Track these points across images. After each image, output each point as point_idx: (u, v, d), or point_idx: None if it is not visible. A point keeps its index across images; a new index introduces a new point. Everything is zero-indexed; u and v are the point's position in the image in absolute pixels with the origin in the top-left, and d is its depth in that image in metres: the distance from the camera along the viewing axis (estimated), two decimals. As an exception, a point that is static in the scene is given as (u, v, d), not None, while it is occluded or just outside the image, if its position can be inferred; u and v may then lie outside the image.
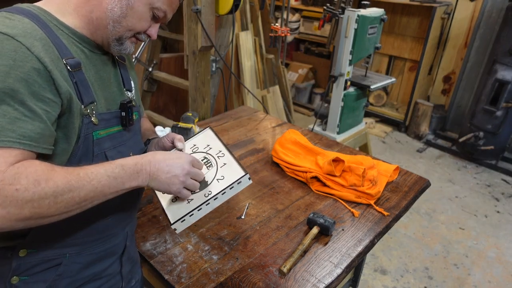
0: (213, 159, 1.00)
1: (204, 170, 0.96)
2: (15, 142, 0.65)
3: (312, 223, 1.19)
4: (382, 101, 4.56)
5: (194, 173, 0.87)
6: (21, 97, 0.65)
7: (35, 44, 0.68)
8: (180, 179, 0.84)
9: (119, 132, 0.88)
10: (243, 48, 3.04)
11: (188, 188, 0.88)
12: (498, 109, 3.37)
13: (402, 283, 2.30)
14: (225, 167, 0.97)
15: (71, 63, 0.75)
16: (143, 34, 0.86)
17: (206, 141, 1.06)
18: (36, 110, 0.67)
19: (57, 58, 0.72)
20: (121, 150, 0.89)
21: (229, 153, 1.00)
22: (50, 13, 0.77)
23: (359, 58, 2.70)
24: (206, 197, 0.91)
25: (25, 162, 0.65)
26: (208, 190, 0.93)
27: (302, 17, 4.94)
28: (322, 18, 3.14)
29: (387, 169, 1.51)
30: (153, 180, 0.82)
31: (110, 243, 0.92)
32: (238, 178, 0.92)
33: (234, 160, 0.98)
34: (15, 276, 0.79)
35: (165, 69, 2.85)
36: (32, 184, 0.63)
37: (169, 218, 0.90)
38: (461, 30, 4.01)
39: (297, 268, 1.06)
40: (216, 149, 1.03)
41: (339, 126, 2.86)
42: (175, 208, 0.92)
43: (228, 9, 2.16)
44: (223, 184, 0.93)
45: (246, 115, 2.10)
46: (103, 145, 0.83)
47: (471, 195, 3.22)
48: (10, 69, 0.64)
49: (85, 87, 0.78)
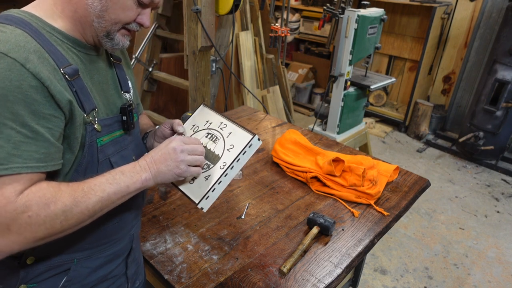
0: (217, 132, 1.00)
1: (211, 145, 0.98)
2: (22, 168, 0.65)
3: (312, 223, 1.19)
4: (382, 101, 4.56)
5: (189, 148, 0.87)
6: (22, 119, 0.64)
7: (30, 59, 0.66)
8: (179, 160, 0.85)
9: (121, 137, 0.88)
10: (243, 48, 3.04)
11: (194, 165, 0.88)
12: (498, 109, 3.37)
13: (402, 283, 2.30)
14: (231, 136, 0.97)
15: (69, 72, 0.73)
16: (134, 24, 0.82)
17: (205, 118, 1.05)
18: (39, 129, 0.66)
19: (54, 70, 0.70)
20: (124, 154, 0.89)
21: (231, 122, 1.00)
22: (41, 18, 0.74)
23: (359, 58, 2.70)
24: (222, 169, 0.92)
25: (33, 188, 0.67)
26: (222, 162, 0.93)
27: (302, 17, 4.94)
28: (322, 18, 3.15)
29: (387, 169, 1.51)
30: (157, 175, 0.83)
31: (117, 246, 0.92)
32: (248, 142, 0.93)
33: (238, 127, 0.98)
34: (23, 284, 0.79)
35: (165, 69, 2.85)
36: (42, 208, 0.66)
37: (193, 199, 0.91)
38: (461, 30, 4.01)
39: (297, 268, 1.06)
40: (216, 122, 1.02)
41: (339, 126, 2.86)
42: (195, 188, 0.93)
43: (228, 9, 2.16)
44: (234, 152, 0.94)
45: (246, 115, 2.10)
46: (107, 151, 0.83)
47: (471, 195, 3.22)
48: (7, 91, 0.63)
49: (85, 94, 0.76)
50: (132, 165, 0.82)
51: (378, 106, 4.56)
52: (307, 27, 4.93)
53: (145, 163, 0.83)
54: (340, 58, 2.64)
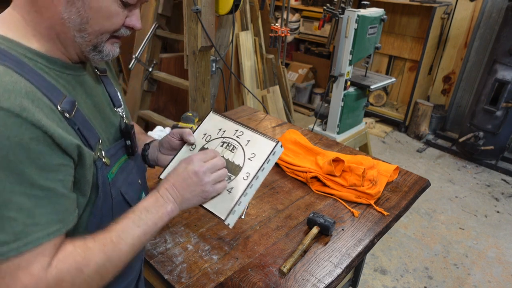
0: (233, 141, 0.92)
1: (228, 155, 0.91)
2: (44, 237, 0.58)
3: (312, 223, 1.19)
4: (382, 101, 4.56)
5: (211, 166, 0.81)
6: (30, 178, 0.56)
7: (24, 105, 0.55)
8: (203, 183, 0.79)
9: (125, 162, 0.82)
10: (243, 48, 3.04)
11: (220, 181, 0.83)
12: (498, 109, 3.37)
13: (402, 283, 2.30)
14: (250, 144, 0.91)
15: (67, 107, 0.63)
16: (123, 29, 0.71)
17: (216, 126, 0.97)
18: (51, 185, 0.59)
19: (51, 110, 0.60)
20: (131, 181, 0.83)
21: (247, 128, 0.93)
22: (16, 41, 0.63)
23: (359, 58, 2.70)
24: (246, 180, 0.86)
25: (59, 255, 0.61)
26: (245, 172, 0.87)
27: (302, 17, 4.94)
28: (322, 18, 3.15)
29: (387, 169, 1.51)
30: (183, 203, 0.79)
31: (132, 274, 0.91)
32: (272, 150, 0.88)
33: (257, 134, 0.92)
34: None
35: (165, 69, 2.85)
36: (76, 275, 0.61)
37: (218, 215, 0.84)
38: (461, 30, 4.01)
39: (297, 268, 1.06)
40: (231, 130, 0.94)
41: (339, 126, 2.86)
42: (218, 203, 0.86)
43: (228, 9, 2.16)
44: (257, 161, 0.88)
45: (246, 115, 2.10)
46: (117, 184, 0.77)
47: (471, 195, 3.22)
48: (7, 151, 0.54)
49: (88, 128, 0.69)
50: (153, 198, 0.76)
51: (378, 106, 4.56)
52: (307, 27, 4.93)
53: (167, 193, 0.77)
54: (340, 58, 2.64)
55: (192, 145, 0.94)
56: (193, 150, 0.94)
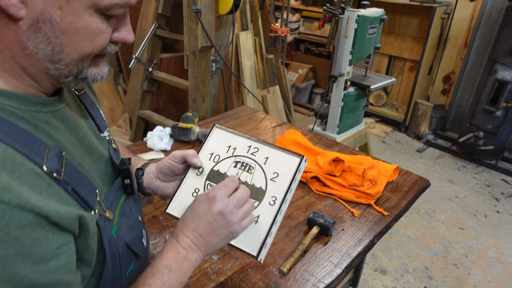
0: (248, 159, 0.80)
1: (246, 177, 0.78)
2: None
3: (312, 223, 1.19)
4: (382, 101, 4.56)
5: (237, 202, 0.69)
6: (27, 280, 0.44)
7: (3, 183, 0.42)
8: (231, 224, 0.68)
9: (124, 203, 0.70)
10: (243, 48, 3.04)
11: (246, 216, 0.71)
12: (498, 109, 3.37)
13: (402, 283, 2.30)
14: (269, 161, 0.79)
15: (54, 165, 0.50)
16: (109, 46, 0.56)
17: (224, 143, 0.84)
18: (52, 279, 0.47)
19: (36, 177, 0.47)
20: (133, 223, 0.71)
21: (262, 144, 0.82)
22: None
23: (359, 58, 2.70)
24: (273, 206, 0.74)
25: None
26: (271, 196, 0.75)
27: (302, 17, 4.94)
28: (322, 18, 3.15)
29: (387, 169, 1.51)
30: (208, 249, 0.68)
31: None
32: (297, 167, 0.76)
33: (275, 149, 0.80)
34: None
35: (165, 69, 2.85)
36: None
37: (249, 252, 0.73)
38: (461, 30, 4.01)
39: (297, 268, 1.06)
40: (243, 147, 0.82)
41: (339, 126, 2.86)
42: (246, 238, 0.74)
43: (228, 9, 2.16)
44: (282, 181, 0.76)
45: (246, 115, 2.10)
46: (121, 235, 0.65)
47: (471, 195, 3.22)
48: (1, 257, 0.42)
49: (82, 181, 0.56)
50: (173, 250, 0.65)
51: (378, 106, 4.56)
52: (307, 27, 4.93)
53: (189, 241, 0.66)
54: (340, 58, 2.64)
55: (199, 169, 0.81)
56: (200, 174, 0.81)
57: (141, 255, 0.72)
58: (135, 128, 2.87)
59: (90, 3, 0.49)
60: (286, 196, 0.74)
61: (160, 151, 1.62)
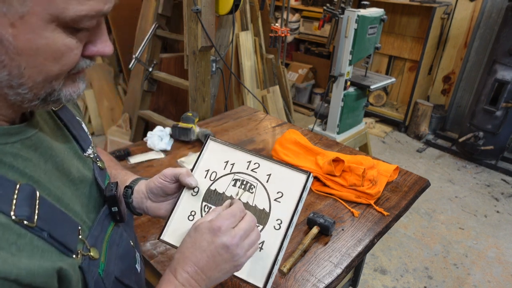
0: (248, 177, 0.72)
1: (247, 197, 0.70)
2: None
3: (312, 223, 1.19)
4: (382, 101, 4.56)
5: (243, 233, 0.61)
6: None
7: None
8: (237, 257, 0.61)
9: (113, 232, 0.62)
10: (243, 48, 3.04)
11: (252, 246, 0.64)
12: (498, 109, 3.37)
13: (402, 283, 2.31)
14: (272, 179, 0.71)
15: (24, 214, 0.42)
16: (83, 61, 0.48)
17: (220, 158, 0.75)
18: None
19: (4, 228, 0.40)
20: (122, 252, 0.64)
21: (263, 158, 0.73)
22: None
23: (359, 58, 2.71)
24: (279, 230, 0.67)
25: None
26: (275, 219, 0.68)
27: (302, 17, 4.94)
28: (322, 18, 3.15)
29: (387, 169, 1.51)
30: (209, 284, 0.62)
31: None
32: (303, 185, 0.68)
33: (278, 165, 0.72)
34: None
35: (165, 69, 2.86)
36: None
37: (255, 284, 0.67)
38: (461, 30, 4.01)
39: (297, 268, 1.06)
40: (242, 162, 0.73)
41: (339, 126, 2.86)
42: (251, 267, 0.68)
43: (228, 9, 2.16)
44: (288, 202, 0.68)
45: (246, 115, 2.10)
46: (110, 270, 0.59)
47: (470, 195, 3.22)
48: None
49: (59, 223, 0.48)
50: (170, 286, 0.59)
51: (378, 106, 4.56)
52: (307, 27, 4.93)
53: (188, 277, 0.59)
54: (340, 58, 2.64)
55: (194, 188, 0.74)
56: (196, 194, 0.74)
57: (134, 287, 0.67)
58: (135, 128, 2.88)
59: (51, 17, 0.40)
60: (293, 219, 0.67)
61: (160, 151, 1.62)
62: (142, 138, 2.80)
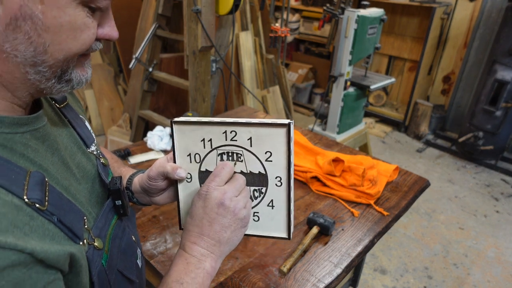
0: (231, 147, 0.70)
1: (240, 167, 0.70)
2: None
3: (312, 223, 1.19)
4: (382, 101, 4.57)
5: (233, 187, 0.63)
6: None
7: None
8: (237, 210, 0.62)
9: (116, 226, 0.64)
10: (243, 48, 3.04)
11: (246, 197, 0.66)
12: (498, 109, 3.38)
13: (402, 283, 2.31)
14: (255, 142, 0.68)
15: (36, 196, 0.44)
16: (95, 43, 0.51)
17: (194, 138, 0.71)
18: None
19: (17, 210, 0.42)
20: (125, 245, 0.65)
21: (237, 126, 0.69)
22: None
23: (359, 58, 2.71)
24: (281, 186, 0.69)
25: None
26: (275, 177, 0.69)
27: (302, 17, 4.94)
28: (322, 19, 3.16)
29: (387, 169, 1.52)
30: (224, 248, 0.63)
31: None
32: (286, 138, 0.66)
33: (254, 127, 0.67)
34: None
35: (165, 69, 2.86)
36: None
37: (280, 236, 0.72)
38: (461, 30, 4.01)
39: (297, 267, 1.06)
40: (218, 135, 0.69)
41: (339, 126, 2.86)
42: (269, 223, 0.72)
43: (228, 9, 2.16)
44: (279, 159, 0.68)
45: (246, 115, 2.10)
46: (113, 263, 0.60)
47: (470, 195, 3.23)
48: None
49: (68, 210, 0.50)
50: (182, 261, 0.60)
51: (378, 106, 4.57)
52: (307, 27, 4.94)
53: (198, 247, 0.60)
54: (340, 58, 2.65)
55: (186, 176, 0.73)
56: (191, 181, 0.74)
57: (135, 281, 0.67)
58: (135, 128, 2.88)
59: None
60: (290, 172, 0.68)
61: (160, 151, 1.62)
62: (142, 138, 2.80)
